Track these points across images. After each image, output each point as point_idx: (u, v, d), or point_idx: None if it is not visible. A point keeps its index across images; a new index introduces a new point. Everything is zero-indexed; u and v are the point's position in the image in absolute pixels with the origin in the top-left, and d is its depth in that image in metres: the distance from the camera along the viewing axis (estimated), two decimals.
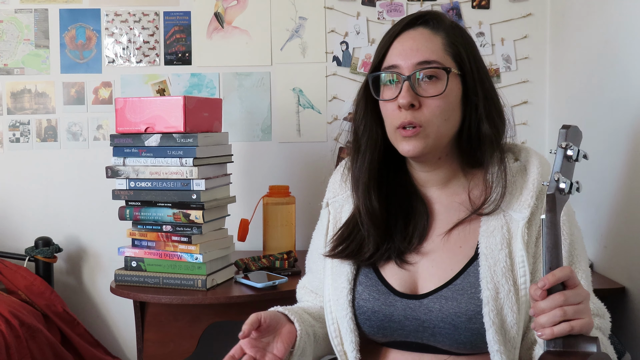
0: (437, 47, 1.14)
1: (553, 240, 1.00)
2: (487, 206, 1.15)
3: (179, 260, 1.83)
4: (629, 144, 1.77)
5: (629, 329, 1.78)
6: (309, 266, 1.41)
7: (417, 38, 1.15)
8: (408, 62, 1.14)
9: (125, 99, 1.86)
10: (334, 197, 1.32)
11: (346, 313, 1.19)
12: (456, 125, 1.17)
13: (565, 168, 1.03)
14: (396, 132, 1.16)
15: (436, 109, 1.13)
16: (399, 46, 1.16)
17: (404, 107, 1.12)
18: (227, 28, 2.39)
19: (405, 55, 1.14)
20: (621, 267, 1.83)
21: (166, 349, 1.89)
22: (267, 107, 2.40)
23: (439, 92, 1.12)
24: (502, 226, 1.14)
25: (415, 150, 1.14)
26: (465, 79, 1.16)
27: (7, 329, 1.84)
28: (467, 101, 1.17)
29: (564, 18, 2.24)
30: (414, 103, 1.12)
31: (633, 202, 1.76)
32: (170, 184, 1.82)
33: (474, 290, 1.11)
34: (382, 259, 1.20)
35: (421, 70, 1.13)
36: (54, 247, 2.29)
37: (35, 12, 2.38)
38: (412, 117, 1.12)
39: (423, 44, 1.14)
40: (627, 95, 1.78)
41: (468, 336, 1.10)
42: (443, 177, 1.22)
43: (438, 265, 1.17)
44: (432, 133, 1.13)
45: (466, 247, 1.17)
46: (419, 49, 1.14)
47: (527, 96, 2.37)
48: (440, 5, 2.36)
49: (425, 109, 1.13)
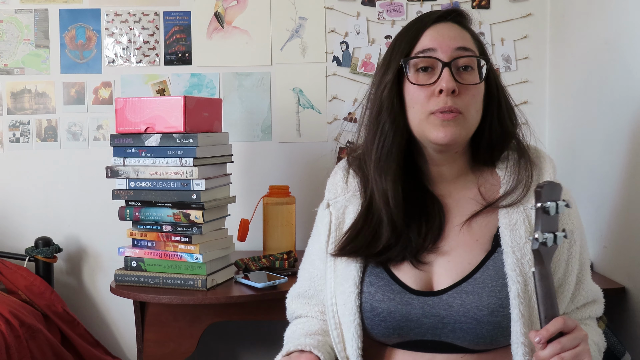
0: (469, 39, 1.18)
1: (545, 292, 1.03)
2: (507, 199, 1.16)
3: (179, 260, 1.84)
4: (629, 144, 1.77)
5: (629, 329, 1.78)
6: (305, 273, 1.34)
7: (450, 28, 1.17)
8: (446, 47, 1.14)
9: (125, 99, 1.86)
10: (335, 197, 1.28)
11: (354, 318, 1.15)
12: (479, 119, 1.18)
13: (547, 223, 1.04)
14: (430, 117, 1.13)
15: (473, 97, 1.14)
16: (433, 32, 1.16)
17: (447, 92, 1.11)
18: (227, 28, 2.39)
19: (442, 40, 1.15)
20: (621, 267, 1.83)
21: (166, 349, 1.89)
22: (267, 107, 2.40)
23: (476, 81, 1.14)
24: (524, 219, 1.14)
25: (452, 137, 1.12)
26: (488, 75, 1.18)
27: (7, 329, 1.84)
28: (489, 96, 1.18)
29: (564, 18, 2.24)
30: (455, 89, 1.12)
31: (633, 202, 1.76)
32: (170, 184, 1.82)
33: (494, 284, 1.11)
34: (396, 259, 1.17)
35: (460, 57, 1.13)
36: (54, 247, 2.29)
37: (35, 12, 2.38)
38: (453, 102, 1.12)
39: (457, 33, 1.17)
40: (627, 95, 1.78)
41: (490, 330, 1.09)
42: (454, 172, 1.22)
43: (455, 260, 1.15)
44: (468, 122, 1.14)
45: (483, 240, 1.16)
46: (456, 37, 1.15)
47: (527, 96, 2.37)
48: (440, 5, 2.36)
49: (464, 96, 1.13)
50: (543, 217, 1.03)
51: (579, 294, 1.22)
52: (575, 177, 2.10)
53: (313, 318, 1.31)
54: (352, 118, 2.38)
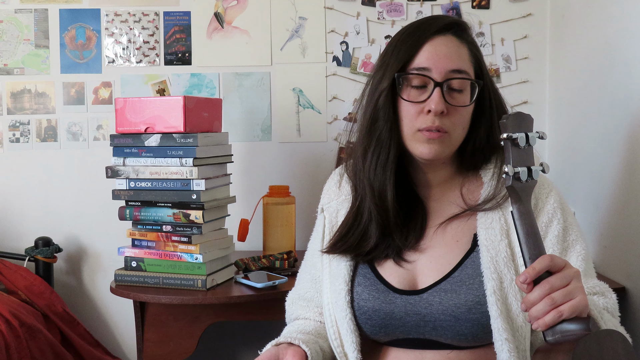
0: (466, 58, 1.17)
1: (527, 230, 1.00)
2: (487, 203, 1.18)
3: (179, 260, 1.83)
4: (629, 143, 1.77)
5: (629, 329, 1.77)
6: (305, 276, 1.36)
7: (449, 45, 1.16)
8: (440, 68, 1.14)
9: (125, 99, 1.86)
10: (328, 202, 1.33)
11: (345, 314, 1.19)
12: (465, 134, 1.20)
13: (518, 157, 1.01)
14: (416, 134, 1.16)
15: (460, 118, 1.16)
16: (431, 49, 1.16)
17: (435, 113, 1.13)
18: (227, 28, 2.39)
19: (438, 59, 1.15)
20: (621, 267, 1.83)
21: (166, 349, 1.89)
22: (267, 107, 2.40)
23: (466, 103, 1.15)
24: (500, 217, 1.17)
25: (435, 154, 1.16)
26: (482, 90, 1.18)
27: (7, 329, 1.84)
28: (479, 111, 1.19)
29: (564, 18, 2.24)
30: (443, 110, 1.14)
31: (632, 202, 1.76)
32: (170, 184, 1.82)
33: (472, 282, 1.13)
34: (380, 257, 1.21)
35: (452, 80, 1.14)
36: (54, 247, 2.29)
37: (35, 12, 2.38)
38: (440, 122, 1.14)
39: (455, 51, 1.16)
40: (627, 96, 1.78)
41: (469, 327, 1.12)
42: (441, 178, 1.25)
43: (436, 260, 1.18)
44: (452, 140, 1.17)
45: (463, 240, 1.18)
46: (452, 57, 1.15)
47: (527, 96, 2.37)
48: (440, 5, 2.36)
49: (452, 117, 1.15)
50: (513, 150, 1.01)
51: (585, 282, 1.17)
52: (575, 177, 2.10)
53: (310, 320, 1.32)
54: (352, 118, 2.37)
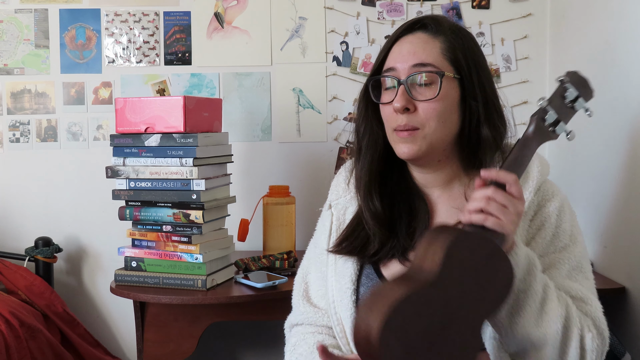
0: (435, 50, 1.16)
1: (515, 157, 1.02)
2: None
3: (179, 260, 1.84)
4: (629, 143, 1.77)
5: (629, 329, 1.78)
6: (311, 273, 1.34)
7: (414, 42, 1.17)
8: (404, 65, 1.15)
9: (125, 99, 1.86)
10: (336, 199, 1.33)
11: (350, 313, 1.19)
12: (454, 128, 1.18)
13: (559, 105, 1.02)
14: (393, 133, 1.18)
15: (432, 111, 1.14)
16: (397, 49, 1.18)
17: (398, 111, 1.15)
18: (227, 28, 2.39)
19: (402, 58, 1.16)
20: (621, 267, 1.83)
21: (166, 349, 1.89)
22: (267, 107, 2.40)
23: (433, 95, 1.13)
24: None
25: (411, 153, 1.15)
26: (464, 82, 1.17)
27: (7, 329, 1.84)
28: (466, 105, 1.17)
29: (564, 18, 2.24)
30: (408, 107, 1.14)
31: (633, 202, 1.76)
32: (170, 184, 1.82)
33: None
34: (386, 257, 1.21)
35: (416, 74, 1.14)
36: (54, 247, 2.29)
37: (35, 12, 2.38)
38: (408, 120, 1.14)
39: (420, 46, 1.16)
40: (627, 95, 1.78)
41: None
42: (444, 178, 1.23)
43: None
44: (429, 135, 1.15)
45: None
46: (416, 52, 1.15)
47: (527, 96, 2.37)
48: (440, 5, 2.36)
49: (421, 111, 1.14)
50: (558, 99, 1.02)
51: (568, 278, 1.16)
52: (575, 177, 2.10)
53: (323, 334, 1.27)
54: (352, 118, 2.38)
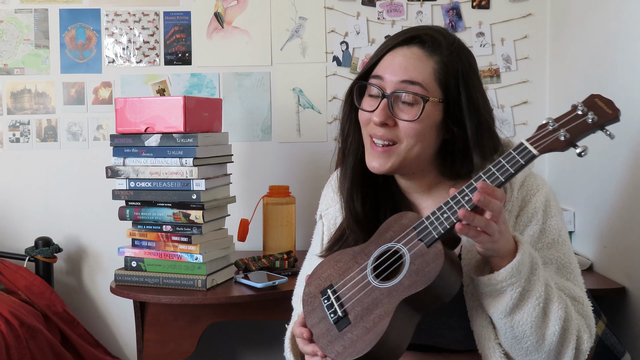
0: (427, 70, 1.13)
1: None
2: None
3: (179, 260, 1.83)
4: (629, 143, 1.77)
5: (629, 329, 1.78)
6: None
7: (408, 56, 1.14)
8: (393, 78, 1.13)
9: (125, 99, 1.86)
10: (326, 209, 1.33)
11: None
12: (432, 147, 1.15)
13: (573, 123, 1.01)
14: (368, 139, 1.16)
15: (410, 130, 1.12)
16: (389, 59, 1.16)
17: (377, 124, 1.13)
18: (227, 28, 2.39)
19: (392, 70, 1.14)
20: (621, 267, 1.83)
21: (166, 349, 1.89)
22: (267, 107, 2.40)
23: (414, 117, 1.11)
24: None
25: (381, 169, 1.15)
26: (449, 106, 1.13)
27: (7, 329, 1.84)
28: (448, 127, 1.15)
29: (564, 18, 2.24)
30: (387, 122, 1.13)
31: (633, 202, 1.76)
32: (170, 184, 1.82)
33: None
34: None
35: (401, 92, 1.12)
36: (54, 247, 2.29)
37: (35, 12, 2.38)
38: (385, 132, 1.13)
39: (412, 63, 1.13)
40: (627, 95, 1.78)
41: (463, 334, 1.11)
42: (426, 184, 1.21)
43: None
44: (403, 152, 1.13)
45: None
46: (407, 68, 1.13)
47: (527, 96, 2.37)
48: (440, 5, 2.36)
49: (400, 128, 1.13)
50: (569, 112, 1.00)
51: None
52: (575, 177, 2.10)
53: None
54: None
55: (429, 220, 1.02)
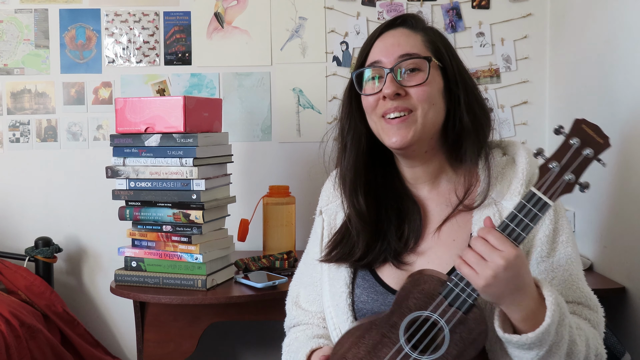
0: (417, 42, 1.18)
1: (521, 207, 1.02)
2: (475, 199, 1.17)
3: (179, 260, 1.84)
4: (629, 143, 1.77)
5: (629, 329, 1.78)
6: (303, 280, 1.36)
7: (397, 35, 1.19)
8: (390, 57, 1.17)
9: (125, 99, 1.86)
10: (327, 205, 1.33)
11: (347, 317, 1.19)
12: (441, 115, 1.18)
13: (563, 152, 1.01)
14: (381, 121, 1.17)
15: (423, 93, 1.15)
16: (380, 44, 1.20)
17: (389, 97, 1.15)
18: (227, 28, 2.39)
19: (387, 51, 1.18)
20: (621, 267, 1.83)
21: (166, 349, 1.89)
22: (267, 107, 2.40)
23: (422, 80, 1.15)
24: (494, 214, 1.15)
25: (404, 141, 1.15)
26: (446, 72, 1.18)
27: (7, 329, 1.84)
28: (450, 94, 1.19)
29: (564, 18, 2.24)
30: (399, 92, 1.15)
31: (633, 202, 1.76)
32: (170, 184, 1.82)
33: None
34: (377, 260, 1.20)
35: (403, 62, 1.15)
36: (54, 247, 2.29)
37: (35, 12, 2.38)
38: (400, 103, 1.15)
39: (403, 39, 1.18)
40: (627, 95, 1.78)
41: None
42: (432, 172, 1.22)
43: (434, 261, 1.17)
44: (420, 119, 1.15)
45: (459, 240, 1.18)
46: (400, 44, 1.17)
47: (527, 96, 2.37)
48: (440, 6, 2.36)
49: (413, 95, 1.15)
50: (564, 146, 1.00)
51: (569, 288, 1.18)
52: None
53: (313, 325, 1.31)
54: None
55: (453, 283, 1.03)
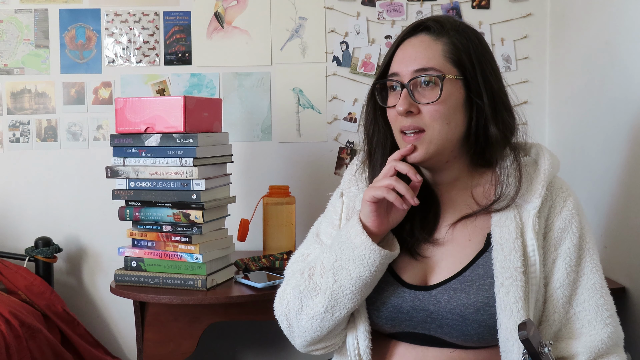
0: (436, 53, 1.16)
1: None
2: (500, 202, 1.16)
3: (179, 260, 1.84)
4: (629, 143, 1.77)
5: (629, 329, 1.77)
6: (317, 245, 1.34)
7: (416, 45, 1.18)
8: (406, 70, 1.17)
9: (125, 99, 1.86)
10: (348, 187, 1.34)
11: None
12: (460, 129, 1.17)
13: None
14: (400, 135, 1.19)
15: (435, 113, 1.14)
16: (400, 54, 1.19)
17: (401, 114, 1.16)
18: (227, 28, 2.39)
19: (404, 63, 1.17)
20: (621, 267, 1.83)
21: (166, 349, 1.89)
22: (267, 107, 2.40)
23: (435, 98, 1.14)
24: (515, 215, 1.16)
25: (417, 158, 1.16)
26: (468, 82, 1.17)
27: (7, 329, 1.84)
28: (472, 104, 1.17)
29: (564, 18, 2.24)
30: (411, 110, 1.15)
31: (633, 202, 1.76)
32: (170, 184, 1.82)
33: (482, 282, 1.13)
34: None
35: (417, 78, 1.15)
36: (54, 247, 2.29)
37: (35, 12, 2.38)
38: (412, 121, 1.15)
39: (421, 51, 1.17)
40: (627, 95, 1.78)
41: (475, 328, 1.12)
42: (451, 177, 1.23)
43: (447, 258, 1.18)
44: (435, 137, 1.15)
45: (476, 240, 1.18)
46: (417, 57, 1.16)
47: (527, 96, 2.37)
48: (440, 6, 2.36)
49: (425, 114, 1.15)
50: None
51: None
52: (575, 177, 2.10)
53: None
54: (352, 118, 2.38)
55: None
